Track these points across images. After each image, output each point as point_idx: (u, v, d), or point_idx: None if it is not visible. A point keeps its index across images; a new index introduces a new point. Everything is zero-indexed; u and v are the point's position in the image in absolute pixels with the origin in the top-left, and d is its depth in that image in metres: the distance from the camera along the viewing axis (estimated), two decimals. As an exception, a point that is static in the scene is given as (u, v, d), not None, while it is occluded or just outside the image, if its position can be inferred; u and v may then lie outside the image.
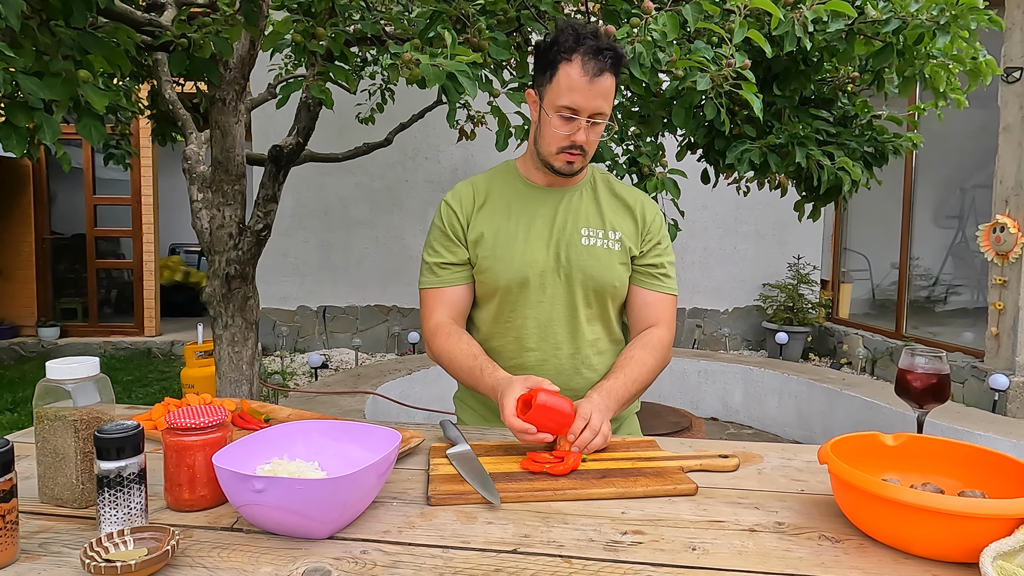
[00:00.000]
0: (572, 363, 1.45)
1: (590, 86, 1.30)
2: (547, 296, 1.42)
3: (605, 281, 1.42)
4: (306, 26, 2.02)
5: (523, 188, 1.47)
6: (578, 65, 1.29)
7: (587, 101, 1.31)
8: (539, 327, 1.43)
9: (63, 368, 0.96)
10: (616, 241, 1.43)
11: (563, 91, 1.31)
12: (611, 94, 1.33)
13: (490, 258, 1.42)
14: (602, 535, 0.91)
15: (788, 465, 1.20)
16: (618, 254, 1.43)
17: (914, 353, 1.23)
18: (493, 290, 1.44)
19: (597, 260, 1.41)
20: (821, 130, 2.51)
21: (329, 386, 4.54)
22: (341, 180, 6.24)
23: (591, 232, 1.42)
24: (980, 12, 2.01)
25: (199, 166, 2.95)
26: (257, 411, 1.39)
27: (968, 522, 0.81)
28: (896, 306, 5.63)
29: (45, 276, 6.98)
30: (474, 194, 1.47)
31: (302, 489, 0.85)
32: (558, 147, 1.36)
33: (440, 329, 1.43)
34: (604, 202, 1.46)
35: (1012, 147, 4.17)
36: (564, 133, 1.34)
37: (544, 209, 1.44)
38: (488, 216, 1.45)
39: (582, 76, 1.29)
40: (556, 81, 1.32)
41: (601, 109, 1.32)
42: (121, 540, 0.83)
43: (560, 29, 1.35)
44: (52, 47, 1.55)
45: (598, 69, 1.29)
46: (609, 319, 1.48)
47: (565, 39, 1.32)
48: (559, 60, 1.32)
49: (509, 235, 1.43)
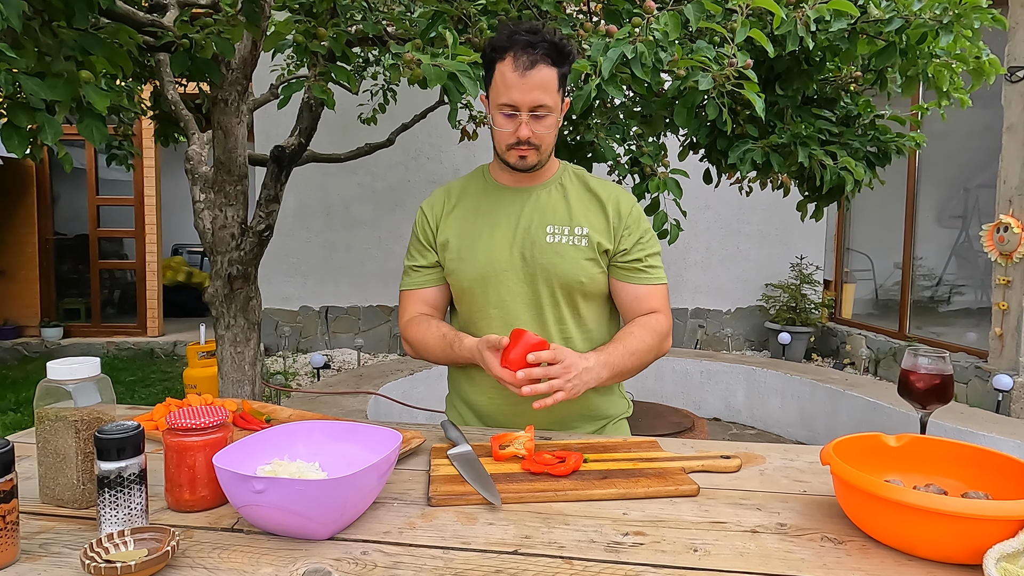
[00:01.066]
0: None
1: (523, 80, 1.31)
2: (512, 295, 1.43)
3: (571, 278, 1.42)
4: (308, 26, 2.02)
5: (491, 189, 1.50)
6: (510, 62, 1.32)
7: (523, 95, 1.32)
8: (505, 326, 1.44)
9: (64, 368, 0.96)
10: (583, 237, 1.43)
11: (500, 89, 1.34)
12: (550, 85, 1.33)
13: (455, 259, 1.46)
14: (603, 536, 0.91)
15: (790, 466, 1.20)
16: (584, 250, 1.43)
17: (917, 354, 1.22)
18: (460, 291, 1.47)
19: (561, 257, 1.42)
20: (824, 130, 2.51)
21: (331, 386, 4.54)
22: (343, 180, 6.24)
23: (556, 229, 1.43)
24: (984, 11, 2.00)
25: (201, 167, 2.95)
26: (258, 411, 1.39)
27: (971, 524, 0.80)
28: (899, 306, 5.62)
29: (48, 276, 6.99)
30: (445, 200, 1.51)
31: (302, 490, 0.85)
32: (506, 144, 1.38)
33: (411, 322, 1.50)
34: (573, 199, 1.47)
35: (1016, 146, 4.16)
36: (508, 130, 1.36)
37: (510, 208, 1.46)
38: (457, 219, 1.48)
39: (514, 71, 1.31)
40: (494, 81, 1.36)
41: (540, 101, 1.33)
42: (121, 541, 0.83)
43: (497, 30, 1.38)
44: (54, 48, 1.55)
45: (530, 62, 1.30)
46: (581, 317, 1.47)
47: (498, 39, 1.35)
48: (495, 60, 1.35)
49: (473, 236, 1.45)
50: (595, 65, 1.64)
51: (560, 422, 1.47)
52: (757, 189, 2.92)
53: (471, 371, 1.50)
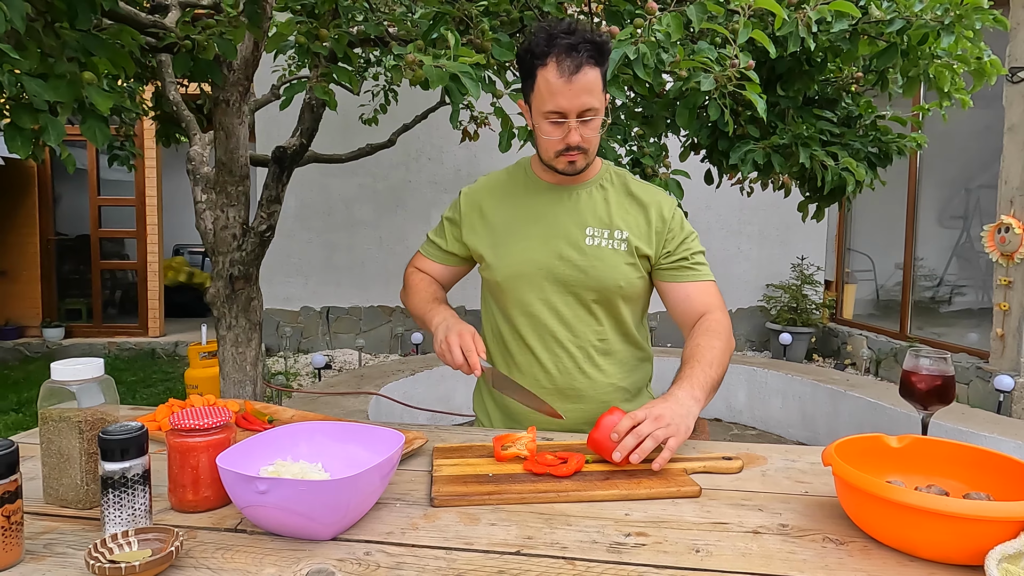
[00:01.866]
0: (574, 362, 1.45)
1: (569, 86, 1.27)
2: (545, 294, 1.43)
3: (609, 281, 1.41)
4: (310, 27, 2.03)
5: (532, 186, 1.48)
6: (553, 68, 1.27)
7: (570, 101, 1.28)
8: (538, 325, 1.44)
9: (68, 369, 0.97)
10: (622, 241, 1.41)
11: (545, 97, 1.30)
12: (596, 86, 1.30)
13: (491, 255, 1.45)
14: (605, 537, 0.91)
15: (792, 467, 1.20)
16: (624, 254, 1.41)
17: (919, 355, 1.22)
18: (494, 285, 1.46)
19: (601, 261, 1.40)
20: (825, 130, 2.50)
21: (332, 387, 4.54)
22: (344, 181, 6.25)
23: (595, 232, 1.42)
24: (985, 12, 2.00)
25: (203, 167, 2.96)
26: (261, 412, 1.39)
27: (973, 525, 0.81)
28: (900, 307, 5.62)
29: (50, 277, 7.00)
30: (485, 190, 1.51)
31: (306, 490, 0.85)
32: (555, 151, 1.35)
33: (414, 273, 1.58)
34: (614, 201, 1.45)
35: (1017, 147, 4.16)
36: (556, 138, 1.33)
37: (550, 207, 1.44)
38: (495, 213, 1.47)
39: (559, 78, 1.27)
40: (537, 88, 1.31)
41: (588, 105, 1.29)
42: (125, 541, 0.83)
43: (533, 34, 1.33)
44: (56, 49, 1.56)
45: (575, 67, 1.26)
46: (621, 320, 1.46)
47: (537, 44, 1.30)
48: (536, 67, 1.30)
49: (510, 232, 1.44)
50: (597, 66, 1.64)
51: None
52: (758, 189, 2.92)
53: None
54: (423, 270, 1.58)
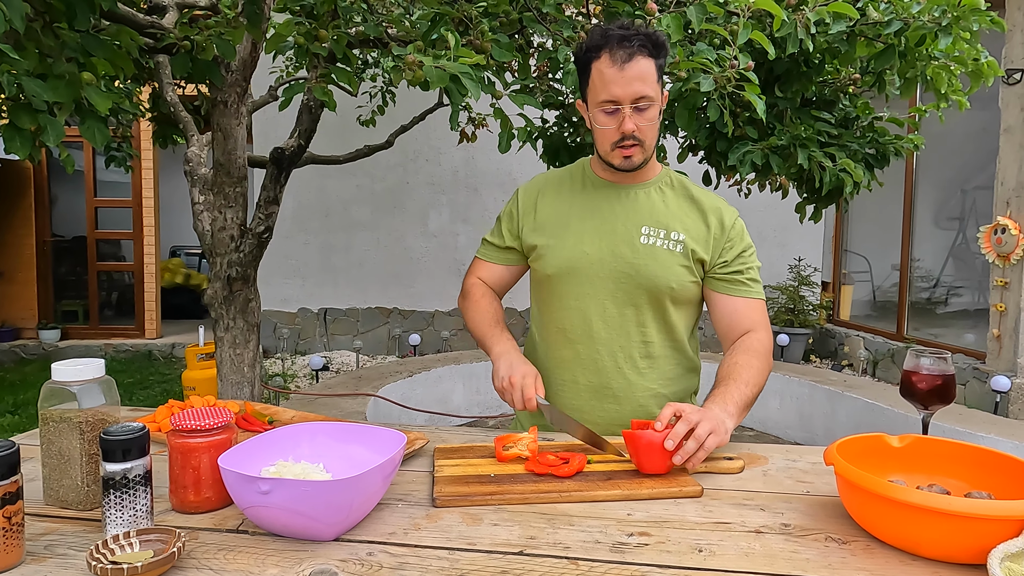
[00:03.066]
0: (613, 361, 1.43)
1: (622, 73, 1.29)
2: (594, 289, 1.42)
3: (661, 282, 1.39)
4: (309, 28, 2.03)
5: (590, 183, 1.48)
6: (606, 58, 1.30)
7: (623, 89, 1.30)
8: (583, 320, 1.43)
9: (69, 370, 0.96)
10: (678, 242, 1.40)
11: (599, 87, 1.32)
12: (650, 76, 1.31)
13: (543, 247, 1.45)
14: (608, 537, 0.91)
15: (793, 467, 1.20)
16: (679, 256, 1.40)
17: (919, 354, 1.22)
18: (544, 277, 1.46)
19: (654, 260, 1.39)
20: (823, 131, 2.51)
21: (330, 388, 4.54)
22: (342, 182, 6.24)
23: (651, 231, 1.41)
24: (982, 14, 2.01)
25: (201, 168, 2.95)
26: (261, 413, 1.39)
27: (975, 523, 0.81)
28: (897, 308, 5.63)
29: (46, 278, 6.98)
30: (542, 185, 1.52)
31: (308, 491, 0.85)
32: (611, 143, 1.36)
33: (475, 286, 1.57)
34: (673, 203, 1.44)
35: (1013, 149, 4.17)
36: (611, 127, 1.34)
37: (606, 204, 1.44)
38: (551, 207, 1.48)
39: (612, 67, 1.30)
40: (592, 81, 1.34)
41: (641, 92, 1.30)
42: (127, 542, 0.83)
43: (589, 32, 1.37)
44: (55, 49, 1.55)
45: (627, 55, 1.29)
46: (669, 322, 1.44)
47: (592, 39, 1.34)
48: (591, 60, 1.33)
49: (564, 226, 1.44)
50: (596, 67, 1.64)
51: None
52: (755, 191, 2.93)
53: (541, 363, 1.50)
54: (482, 278, 1.58)
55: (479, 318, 1.50)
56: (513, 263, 1.56)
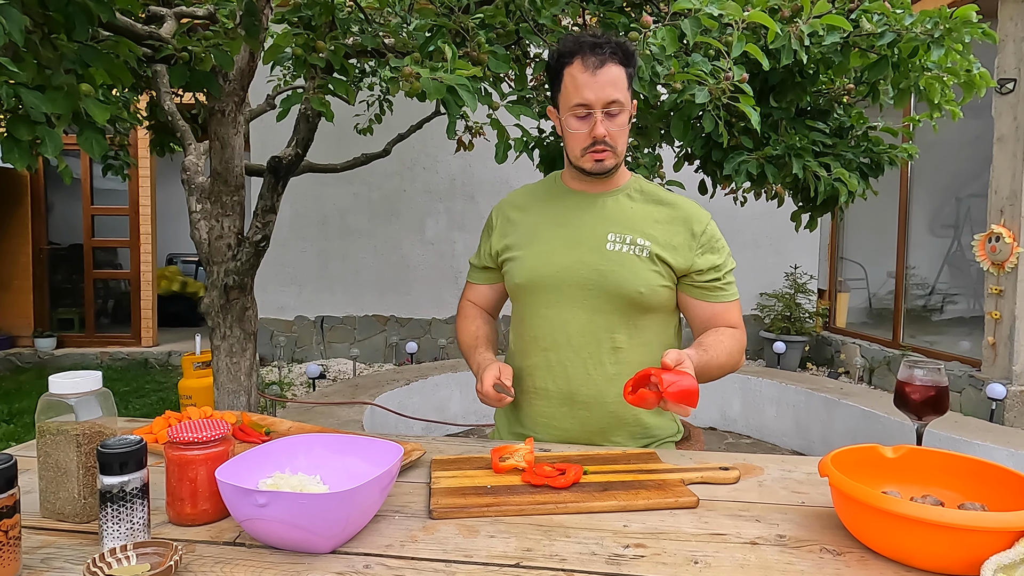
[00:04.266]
0: (583, 368, 1.44)
1: (594, 78, 1.33)
2: (564, 297, 1.44)
3: (628, 287, 1.40)
4: (307, 39, 2.04)
5: (560, 193, 1.51)
6: (579, 64, 1.34)
7: (595, 93, 1.34)
8: (554, 328, 1.45)
9: (66, 383, 0.97)
10: (644, 248, 1.41)
11: (571, 92, 1.36)
12: (621, 82, 1.35)
13: (513, 258, 1.48)
14: (604, 548, 0.92)
15: (788, 477, 1.20)
16: (646, 261, 1.41)
17: (913, 365, 1.23)
18: (514, 287, 1.49)
19: (621, 265, 1.41)
20: (818, 141, 2.53)
21: (327, 396, 4.53)
22: (339, 190, 6.25)
23: (617, 237, 1.42)
24: (974, 26, 2.03)
25: (198, 177, 2.95)
26: (258, 424, 1.39)
27: (969, 535, 0.81)
28: (893, 315, 5.65)
29: (42, 286, 6.96)
30: (514, 200, 1.56)
31: (305, 504, 0.85)
32: (581, 148, 1.39)
33: (463, 308, 1.63)
34: (641, 209, 1.46)
35: (1007, 157, 4.20)
36: (583, 131, 1.37)
37: (574, 213, 1.47)
38: (523, 220, 1.51)
39: (584, 72, 1.34)
40: (564, 86, 1.37)
41: (612, 97, 1.34)
42: (124, 555, 0.83)
43: (561, 41, 1.41)
44: (54, 61, 1.56)
45: (599, 61, 1.33)
46: (636, 327, 1.44)
47: (565, 45, 1.38)
48: (563, 66, 1.37)
49: (533, 236, 1.47)
50: (592, 79, 1.66)
51: (602, 433, 1.46)
52: (752, 199, 2.94)
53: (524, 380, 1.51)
54: (471, 300, 1.63)
55: (464, 340, 1.57)
56: (496, 281, 1.59)
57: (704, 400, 1.32)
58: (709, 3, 1.64)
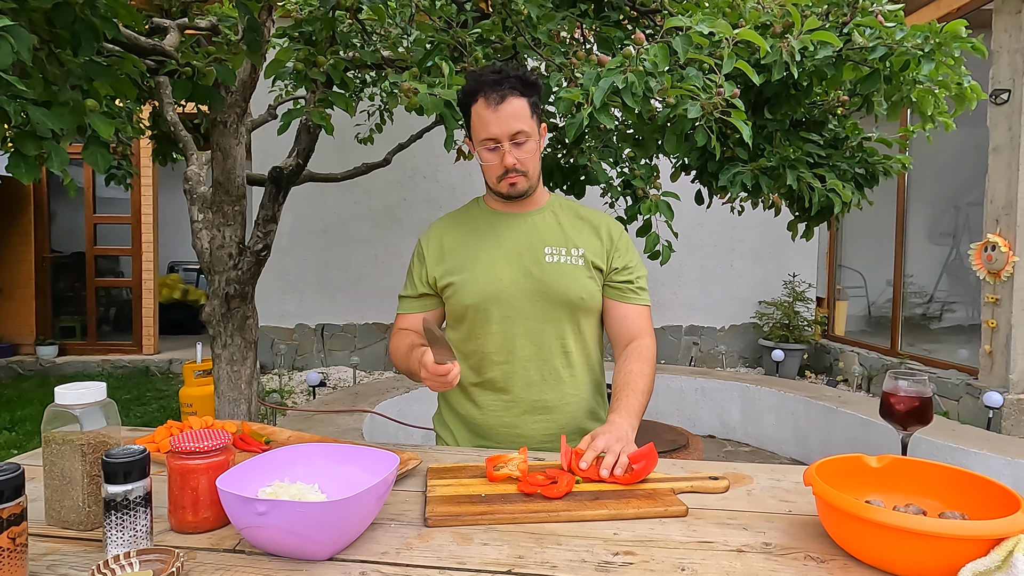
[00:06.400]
0: (540, 374, 1.52)
1: (497, 114, 1.42)
2: (513, 311, 1.50)
3: (572, 294, 1.50)
4: (307, 54, 2.07)
5: (487, 216, 1.58)
6: (482, 101, 1.44)
7: (500, 127, 1.43)
8: (507, 341, 1.51)
9: (72, 393, 0.99)
10: (579, 257, 1.52)
11: (479, 128, 1.46)
12: (523, 113, 1.44)
13: (459, 281, 1.52)
14: (594, 556, 0.94)
15: (777, 486, 1.23)
16: (583, 268, 1.52)
17: (897, 376, 1.26)
18: (463, 309, 1.53)
19: (562, 275, 1.50)
20: (812, 152, 2.56)
21: (327, 404, 4.55)
22: (340, 199, 6.29)
23: (554, 250, 1.52)
24: (963, 40, 2.06)
25: (200, 187, 2.99)
26: (258, 433, 1.42)
27: (947, 543, 0.84)
28: (891, 323, 5.67)
29: (44, 294, 6.99)
30: (443, 231, 1.60)
31: (303, 512, 0.88)
32: (496, 176, 1.49)
33: (395, 336, 1.62)
34: (566, 223, 1.56)
35: (1002, 167, 4.23)
36: (495, 162, 1.47)
37: (508, 232, 1.55)
38: (456, 244, 1.56)
39: (487, 108, 1.43)
40: (473, 123, 1.47)
41: (516, 128, 1.44)
42: (127, 562, 0.85)
43: (467, 78, 1.51)
44: (60, 77, 1.60)
45: (500, 97, 1.43)
46: (580, 331, 1.55)
47: (467, 86, 1.48)
48: (469, 104, 1.47)
49: (474, 258, 1.53)
50: (587, 94, 1.69)
51: (554, 439, 1.53)
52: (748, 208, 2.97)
53: (468, 388, 1.56)
54: (406, 328, 1.61)
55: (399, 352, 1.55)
56: (431, 308, 1.62)
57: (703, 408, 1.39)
58: (700, 21, 1.67)
